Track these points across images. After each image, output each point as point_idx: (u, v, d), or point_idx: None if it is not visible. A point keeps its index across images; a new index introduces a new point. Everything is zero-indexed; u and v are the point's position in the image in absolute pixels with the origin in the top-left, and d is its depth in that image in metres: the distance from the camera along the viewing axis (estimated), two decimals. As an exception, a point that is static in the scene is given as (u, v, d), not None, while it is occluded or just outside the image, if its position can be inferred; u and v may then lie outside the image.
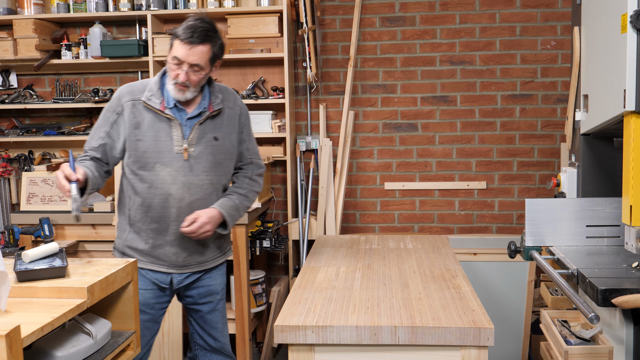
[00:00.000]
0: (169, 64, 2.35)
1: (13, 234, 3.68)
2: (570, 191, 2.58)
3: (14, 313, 1.67)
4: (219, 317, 2.63)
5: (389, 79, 4.29)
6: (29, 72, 4.42)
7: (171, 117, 2.36)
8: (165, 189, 2.37)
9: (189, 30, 2.29)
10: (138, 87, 2.42)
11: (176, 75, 2.32)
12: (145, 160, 2.37)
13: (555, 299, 2.54)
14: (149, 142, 2.36)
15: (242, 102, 2.59)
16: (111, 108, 2.42)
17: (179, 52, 2.30)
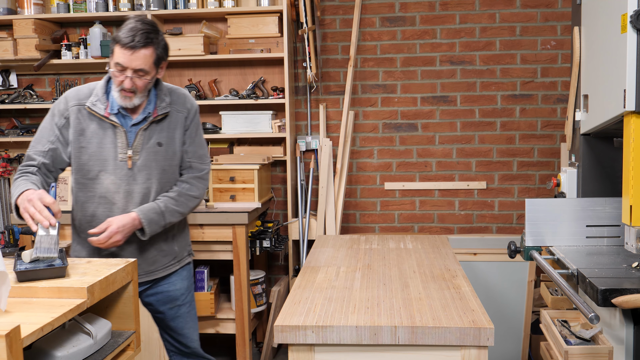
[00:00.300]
0: (111, 70, 2.26)
1: (13, 234, 3.68)
2: (570, 191, 2.58)
3: (14, 313, 1.67)
4: (183, 323, 2.55)
5: (389, 79, 4.29)
6: (29, 72, 4.42)
7: (116, 124, 2.29)
8: (109, 198, 2.31)
9: (129, 34, 2.19)
10: (84, 91, 2.34)
11: (121, 82, 2.24)
12: (89, 168, 2.30)
13: (555, 299, 2.54)
14: (93, 149, 2.29)
15: (193, 103, 2.50)
16: (59, 112, 2.33)
17: (121, 58, 2.20)
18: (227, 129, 4.11)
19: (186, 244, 2.60)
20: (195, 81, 4.22)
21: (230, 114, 4.11)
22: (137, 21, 2.24)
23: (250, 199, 3.76)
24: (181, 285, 2.54)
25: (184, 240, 2.57)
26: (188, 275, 2.60)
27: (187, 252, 2.61)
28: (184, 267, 2.57)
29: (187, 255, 2.61)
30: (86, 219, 2.35)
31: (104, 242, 2.24)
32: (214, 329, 3.80)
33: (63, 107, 2.32)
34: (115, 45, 2.22)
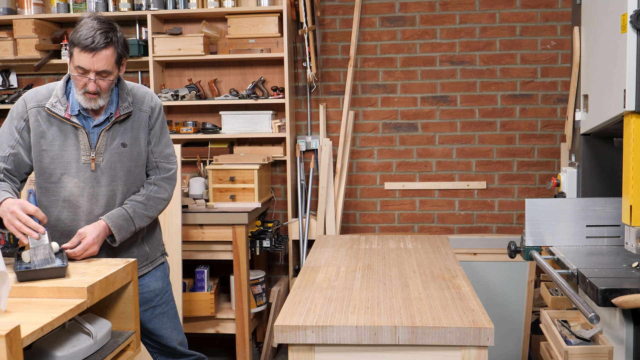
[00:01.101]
0: (73, 74, 2.19)
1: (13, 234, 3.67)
2: (570, 191, 2.58)
3: (14, 313, 1.67)
4: (160, 324, 2.50)
5: (389, 79, 4.29)
6: (29, 72, 4.42)
7: (77, 125, 2.25)
8: (73, 201, 2.27)
9: (87, 36, 2.12)
10: (43, 92, 2.27)
11: (84, 85, 2.18)
12: (51, 171, 2.25)
13: (555, 299, 2.54)
14: (55, 152, 2.24)
15: (157, 101, 2.44)
16: (18, 114, 2.25)
17: (82, 62, 2.14)
18: (227, 129, 4.11)
19: (158, 244, 2.55)
20: (195, 81, 4.22)
21: (230, 114, 4.11)
22: (93, 20, 2.17)
23: (250, 199, 3.76)
24: (155, 286, 2.48)
25: (155, 241, 2.52)
26: (162, 276, 2.54)
27: (160, 252, 2.56)
28: (157, 268, 2.52)
29: (160, 255, 2.56)
30: (50, 223, 2.28)
31: (80, 254, 2.18)
32: (214, 329, 3.80)
33: (22, 110, 2.25)
34: (74, 48, 2.15)
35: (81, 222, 2.29)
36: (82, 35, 2.13)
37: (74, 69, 2.18)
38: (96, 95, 2.21)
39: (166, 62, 4.27)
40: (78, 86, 2.21)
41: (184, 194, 3.89)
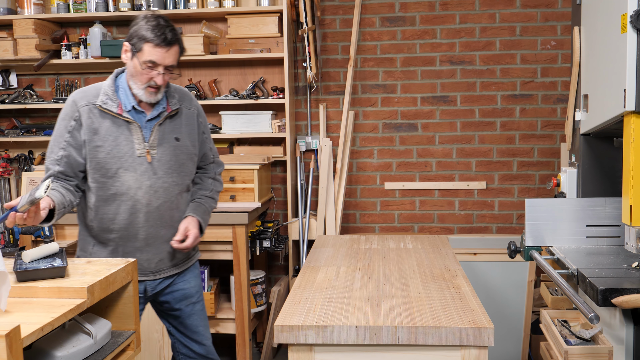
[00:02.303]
0: (138, 69, 2.25)
1: (13, 234, 3.68)
2: (570, 191, 2.58)
3: (14, 313, 1.67)
4: (199, 320, 2.56)
5: (389, 79, 4.29)
6: (29, 72, 4.42)
7: (130, 120, 2.30)
8: (131, 194, 2.31)
9: (159, 32, 2.23)
10: (92, 91, 2.32)
11: (149, 79, 2.25)
12: (107, 166, 2.29)
13: (555, 299, 2.54)
14: (109, 147, 2.28)
15: (198, 103, 2.55)
16: (67, 115, 2.30)
17: (154, 56, 2.22)
18: (227, 129, 4.11)
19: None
20: (195, 81, 4.22)
21: (230, 114, 4.11)
22: (158, 18, 2.27)
23: (250, 199, 3.76)
24: (195, 282, 2.57)
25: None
26: (199, 273, 2.65)
27: (196, 249, 2.64)
28: (194, 265, 2.61)
29: (196, 252, 2.65)
30: (108, 217, 2.34)
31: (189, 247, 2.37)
32: (214, 329, 3.80)
33: (71, 110, 2.30)
34: (145, 44, 2.23)
35: (139, 215, 2.33)
36: (154, 31, 2.22)
37: (142, 64, 2.23)
38: (157, 89, 2.28)
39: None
40: (142, 80, 2.26)
41: (184, 194, 3.88)
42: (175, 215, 2.41)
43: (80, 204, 2.42)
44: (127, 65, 2.31)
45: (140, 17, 2.29)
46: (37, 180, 4.04)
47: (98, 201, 2.33)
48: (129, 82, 2.31)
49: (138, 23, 2.28)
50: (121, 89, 2.32)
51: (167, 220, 2.38)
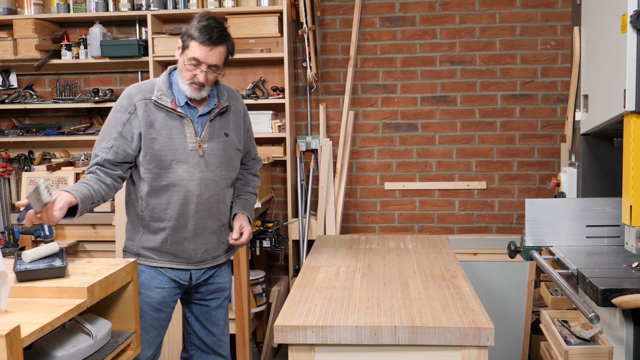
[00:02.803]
0: (184, 65, 2.35)
1: (13, 234, 3.68)
2: (570, 191, 2.58)
3: (14, 313, 1.67)
4: (223, 314, 2.64)
5: (389, 79, 4.29)
6: (29, 72, 4.42)
7: (183, 115, 2.39)
8: (184, 185, 2.39)
9: (206, 31, 2.30)
10: (146, 86, 2.42)
11: (193, 76, 2.34)
12: (162, 158, 2.37)
13: (555, 299, 2.54)
14: (164, 140, 2.37)
15: (243, 101, 2.65)
16: (122, 108, 2.38)
17: (198, 54, 2.31)
18: (227, 129, 4.11)
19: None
20: (195, 81, 4.21)
21: (230, 114, 4.11)
22: (209, 19, 2.33)
23: (250, 199, 3.76)
24: (228, 278, 2.65)
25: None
26: (231, 270, 2.73)
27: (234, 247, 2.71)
28: (229, 261, 2.68)
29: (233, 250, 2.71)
30: (160, 206, 2.40)
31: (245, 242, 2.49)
32: (214, 329, 3.80)
33: (127, 103, 2.37)
34: (192, 42, 2.31)
35: (190, 206, 2.41)
36: (201, 30, 2.30)
37: (187, 60, 2.32)
38: (201, 86, 2.35)
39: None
40: (186, 77, 2.34)
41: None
42: (222, 208, 2.50)
43: (130, 194, 2.49)
44: (178, 61, 2.40)
45: (195, 17, 2.37)
46: (37, 181, 4.04)
47: (151, 191, 2.40)
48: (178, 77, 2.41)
49: (191, 22, 2.35)
50: (174, 85, 2.41)
51: (215, 212, 2.46)
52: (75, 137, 4.24)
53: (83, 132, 4.27)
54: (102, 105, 4.17)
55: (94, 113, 4.41)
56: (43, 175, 4.04)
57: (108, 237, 3.86)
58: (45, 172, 4.05)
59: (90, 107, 4.33)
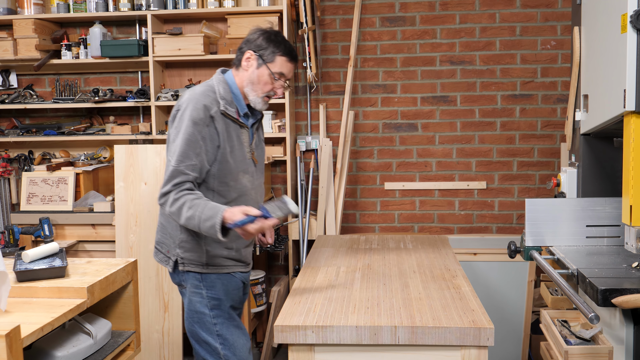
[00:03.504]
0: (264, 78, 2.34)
1: (13, 234, 3.68)
2: (570, 191, 2.58)
3: (14, 313, 1.67)
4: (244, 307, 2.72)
5: (389, 79, 4.29)
6: (29, 72, 4.42)
7: (243, 125, 2.39)
8: (246, 193, 2.41)
9: (290, 48, 2.38)
10: (212, 95, 2.34)
11: (271, 89, 2.37)
12: (233, 169, 2.35)
13: (555, 299, 2.54)
14: (235, 151, 2.36)
15: None
16: (201, 121, 2.26)
17: (285, 69, 2.37)
18: (227, 129, 4.11)
19: None
20: (195, 81, 4.22)
21: (230, 114, 4.11)
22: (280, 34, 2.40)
23: (250, 199, 3.76)
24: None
25: None
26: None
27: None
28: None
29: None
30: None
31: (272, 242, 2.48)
32: (214, 329, 3.80)
33: (204, 115, 2.27)
34: (279, 57, 2.34)
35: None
36: (288, 47, 2.37)
37: (272, 74, 2.34)
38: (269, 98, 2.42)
39: (166, 62, 4.27)
40: (263, 89, 2.36)
41: (184, 194, 3.88)
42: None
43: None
44: (247, 73, 2.37)
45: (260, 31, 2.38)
46: (36, 181, 4.04)
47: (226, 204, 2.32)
48: (245, 88, 2.38)
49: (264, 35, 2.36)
50: (234, 95, 2.38)
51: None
52: (75, 137, 4.24)
53: (83, 132, 4.27)
54: (102, 105, 4.17)
55: (94, 113, 4.41)
56: (43, 175, 4.04)
57: (108, 237, 3.86)
58: (45, 172, 4.05)
59: (90, 107, 4.33)
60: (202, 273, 2.34)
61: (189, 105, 2.27)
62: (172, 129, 2.31)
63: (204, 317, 2.32)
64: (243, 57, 2.36)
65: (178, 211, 2.18)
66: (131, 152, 3.68)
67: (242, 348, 2.37)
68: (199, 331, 2.34)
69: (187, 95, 2.32)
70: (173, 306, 3.62)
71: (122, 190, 3.68)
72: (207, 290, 2.34)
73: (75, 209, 3.93)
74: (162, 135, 4.11)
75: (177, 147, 2.24)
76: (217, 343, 2.32)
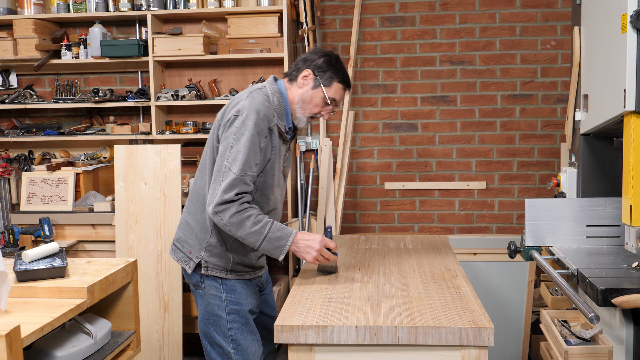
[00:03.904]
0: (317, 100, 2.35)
1: (13, 234, 3.68)
2: (570, 191, 2.58)
3: (14, 313, 1.67)
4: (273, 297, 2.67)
5: (389, 79, 4.29)
6: (29, 72, 4.42)
7: (286, 139, 2.39)
8: (277, 206, 2.43)
9: (347, 77, 2.39)
10: (268, 105, 2.30)
11: (319, 112, 2.37)
12: (273, 182, 2.35)
13: (555, 299, 2.54)
14: (276, 164, 2.36)
15: None
16: (262, 131, 2.24)
17: (338, 96, 2.38)
18: (227, 129, 4.11)
19: None
20: (195, 81, 4.22)
21: (230, 114, 4.10)
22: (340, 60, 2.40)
23: (250, 199, 3.76)
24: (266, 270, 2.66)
25: None
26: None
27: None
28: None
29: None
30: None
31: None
32: (214, 329, 3.80)
33: (264, 127, 2.25)
34: (336, 83, 2.36)
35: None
36: (346, 74, 2.39)
37: (326, 98, 2.35)
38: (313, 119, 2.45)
39: (166, 62, 4.27)
40: (313, 110, 2.37)
41: (184, 194, 3.89)
42: None
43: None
44: (301, 90, 2.36)
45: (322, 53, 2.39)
46: (36, 181, 4.04)
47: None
48: (294, 104, 2.37)
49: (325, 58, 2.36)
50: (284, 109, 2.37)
51: None
52: (75, 137, 4.24)
53: (83, 132, 4.27)
54: (102, 105, 4.17)
55: (94, 113, 4.41)
56: (43, 175, 4.04)
57: (108, 237, 3.86)
58: (45, 172, 4.05)
59: (90, 107, 4.33)
60: (223, 278, 2.34)
61: (251, 113, 2.21)
62: (229, 133, 2.22)
63: (220, 321, 2.32)
64: (300, 74, 2.35)
65: (239, 223, 2.15)
66: (131, 152, 3.68)
67: (254, 354, 2.35)
68: (213, 334, 2.33)
69: (248, 100, 2.25)
70: (173, 306, 3.62)
71: (122, 190, 3.68)
72: (227, 294, 2.33)
73: (75, 209, 3.93)
74: (162, 135, 4.11)
75: (239, 155, 2.18)
76: (230, 347, 2.32)
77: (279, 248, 2.19)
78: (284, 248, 2.19)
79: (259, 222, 2.17)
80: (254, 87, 2.35)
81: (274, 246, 2.19)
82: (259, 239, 2.17)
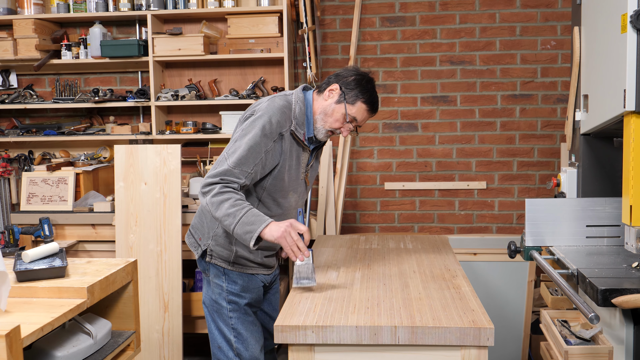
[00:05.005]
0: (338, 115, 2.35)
1: (13, 234, 3.68)
2: (570, 191, 2.58)
3: (14, 313, 1.67)
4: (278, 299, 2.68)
5: (389, 79, 4.29)
6: (29, 72, 4.42)
7: (306, 147, 2.40)
8: (290, 212, 2.43)
9: (374, 99, 2.37)
10: (287, 112, 2.34)
11: (338, 128, 2.37)
12: (287, 187, 2.37)
13: (555, 299, 2.54)
14: (292, 170, 2.37)
15: None
16: (270, 134, 2.27)
17: (360, 116, 2.36)
18: (227, 129, 4.11)
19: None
20: (195, 81, 4.22)
21: (230, 114, 4.11)
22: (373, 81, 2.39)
23: (250, 199, 3.76)
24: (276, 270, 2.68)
25: None
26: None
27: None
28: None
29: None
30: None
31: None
32: (214, 329, 3.80)
33: (275, 130, 2.28)
34: (361, 103, 2.35)
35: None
36: (373, 97, 2.36)
37: (346, 115, 2.34)
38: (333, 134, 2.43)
39: (166, 62, 4.27)
40: (332, 125, 2.36)
41: (184, 194, 3.89)
42: None
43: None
44: (326, 103, 2.37)
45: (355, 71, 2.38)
46: (37, 181, 4.04)
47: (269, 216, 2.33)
48: (317, 115, 2.38)
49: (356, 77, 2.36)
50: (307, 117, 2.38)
51: None
52: (75, 137, 4.24)
53: (83, 132, 4.27)
54: (102, 105, 4.17)
55: (94, 113, 4.41)
56: (43, 175, 4.03)
57: (108, 237, 3.86)
58: (45, 172, 4.05)
59: (90, 107, 4.33)
60: (225, 269, 2.39)
61: (264, 115, 2.26)
62: (238, 128, 2.31)
63: (221, 309, 2.38)
64: (328, 87, 2.37)
65: (218, 204, 2.16)
66: (131, 152, 3.68)
67: (255, 344, 2.40)
68: (217, 320, 2.40)
69: (266, 103, 2.31)
70: (173, 306, 3.62)
71: (122, 190, 3.68)
72: (228, 284, 2.38)
73: (75, 209, 3.93)
74: (162, 135, 4.11)
75: (238, 150, 2.22)
76: (232, 335, 2.37)
77: (249, 233, 2.14)
78: (254, 233, 2.13)
79: (236, 206, 2.16)
80: (281, 93, 2.41)
81: (245, 231, 2.14)
82: (233, 221, 2.15)
